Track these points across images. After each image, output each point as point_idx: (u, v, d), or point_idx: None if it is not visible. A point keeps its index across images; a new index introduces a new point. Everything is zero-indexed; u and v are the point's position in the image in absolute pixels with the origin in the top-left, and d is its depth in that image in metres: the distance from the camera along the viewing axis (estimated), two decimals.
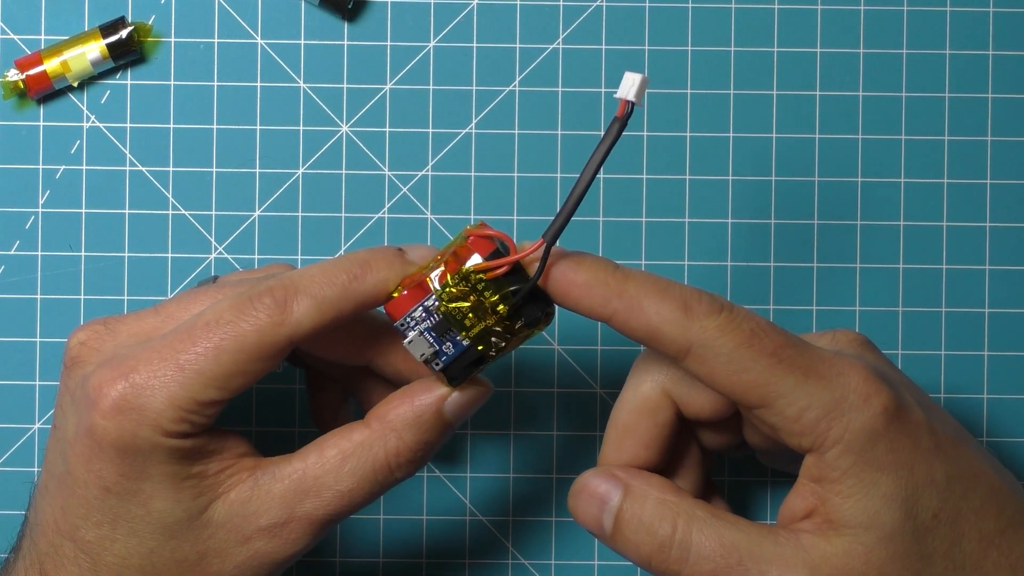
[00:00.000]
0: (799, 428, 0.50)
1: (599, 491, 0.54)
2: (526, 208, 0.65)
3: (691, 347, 0.51)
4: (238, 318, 0.51)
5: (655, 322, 0.51)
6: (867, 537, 0.50)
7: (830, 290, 0.65)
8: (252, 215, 0.65)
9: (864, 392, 0.50)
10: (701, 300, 0.51)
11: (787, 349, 0.51)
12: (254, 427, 0.65)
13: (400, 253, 0.53)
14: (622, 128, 0.50)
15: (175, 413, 0.51)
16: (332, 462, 0.53)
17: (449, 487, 0.65)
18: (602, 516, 0.53)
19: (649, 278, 0.51)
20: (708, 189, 0.65)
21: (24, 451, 0.64)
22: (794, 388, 0.50)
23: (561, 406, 0.65)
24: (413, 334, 0.52)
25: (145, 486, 0.52)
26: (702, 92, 0.65)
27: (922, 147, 0.65)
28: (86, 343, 0.54)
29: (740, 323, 0.51)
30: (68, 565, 0.52)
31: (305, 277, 0.52)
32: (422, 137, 0.65)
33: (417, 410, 0.53)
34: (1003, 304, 0.65)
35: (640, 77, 0.50)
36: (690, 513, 0.52)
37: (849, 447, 0.50)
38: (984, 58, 0.65)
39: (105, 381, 0.52)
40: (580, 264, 0.52)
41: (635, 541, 0.52)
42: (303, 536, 0.53)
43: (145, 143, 0.65)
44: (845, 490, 0.50)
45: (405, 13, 0.65)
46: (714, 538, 0.51)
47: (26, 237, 0.65)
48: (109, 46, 0.64)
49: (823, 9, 0.65)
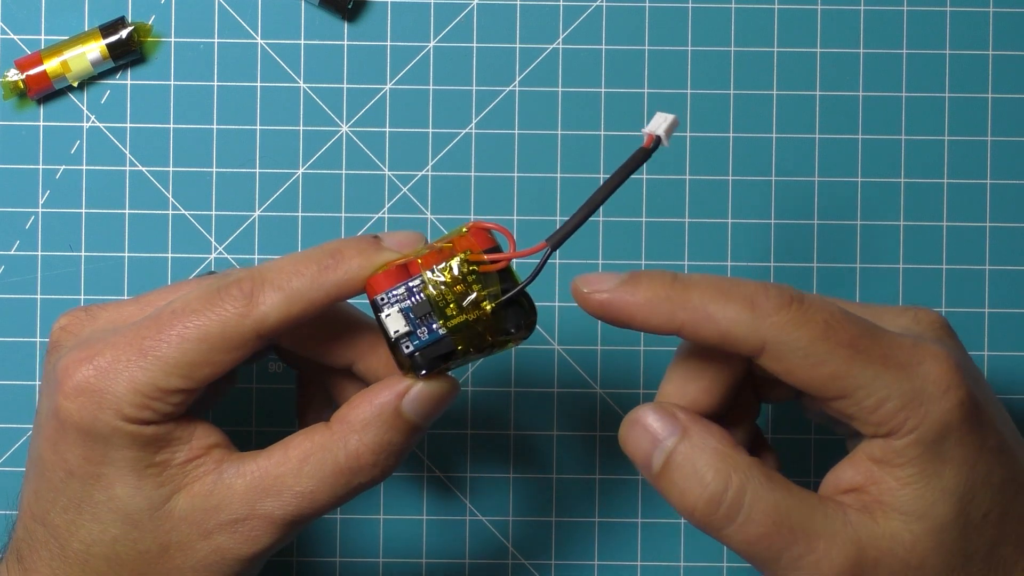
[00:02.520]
0: (876, 418, 0.50)
1: (655, 426, 0.52)
2: (526, 208, 0.65)
3: (765, 345, 0.50)
4: (204, 308, 0.51)
5: (725, 327, 0.50)
6: (917, 526, 0.50)
7: (831, 290, 0.65)
8: (252, 215, 0.65)
9: (944, 384, 0.50)
10: (769, 295, 0.50)
11: (864, 339, 0.50)
12: (254, 427, 0.65)
13: (376, 240, 0.52)
14: (645, 158, 0.50)
15: (135, 398, 0.51)
16: (293, 462, 0.52)
17: (449, 487, 0.65)
18: (653, 452, 0.52)
19: (711, 282, 0.50)
20: (708, 189, 0.65)
21: (24, 451, 0.64)
22: (873, 379, 0.49)
23: (561, 406, 0.65)
24: (391, 310, 0.51)
25: (107, 471, 0.51)
26: (702, 92, 0.65)
27: (922, 147, 0.65)
28: (66, 328, 0.54)
29: (813, 315, 0.50)
30: (40, 550, 0.53)
31: (274, 269, 0.52)
32: (422, 137, 0.65)
33: (376, 408, 0.52)
34: (1003, 304, 0.65)
35: (672, 118, 0.50)
36: (747, 471, 0.51)
37: (921, 438, 0.49)
38: (984, 58, 0.65)
39: (71, 363, 0.52)
40: (637, 284, 0.50)
41: (682, 487, 0.51)
42: (264, 535, 0.52)
43: (145, 143, 0.65)
44: (906, 477, 0.50)
45: (405, 13, 0.65)
46: (768, 502, 0.50)
47: (26, 237, 0.65)
48: (109, 46, 0.64)
49: (823, 9, 0.65)
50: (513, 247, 0.51)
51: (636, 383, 0.65)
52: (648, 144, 0.50)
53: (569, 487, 0.65)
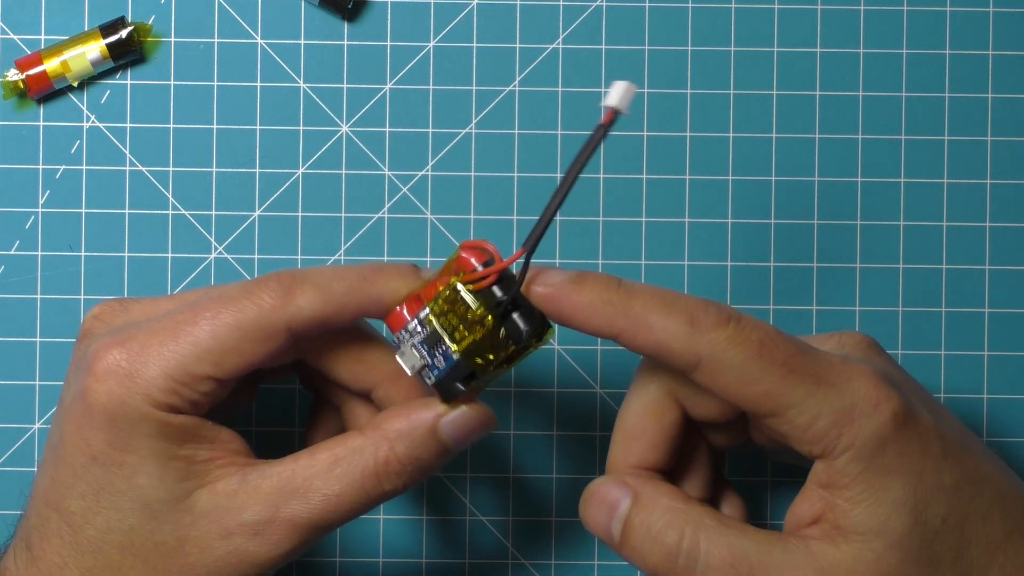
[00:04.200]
0: (810, 436, 0.50)
1: (609, 497, 0.53)
2: (526, 208, 0.65)
3: (700, 360, 0.50)
4: (241, 296, 0.52)
5: (662, 338, 0.50)
6: (876, 543, 0.50)
7: (830, 290, 0.65)
8: (252, 215, 0.65)
9: (874, 398, 0.50)
10: (708, 312, 0.51)
11: (797, 358, 0.50)
12: (254, 427, 0.65)
13: (415, 269, 0.53)
14: (604, 134, 0.49)
15: (165, 383, 0.51)
16: (322, 464, 0.53)
17: (449, 487, 0.65)
18: (611, 523, 0.53)
19: (654, 293, 0.51)
20: (708, 189, 0.65)
21: (24, 451, 0.64)
22: (805, 397, 0.50)
23: (561, 406, 0.65)
24: (404, 346, 0.52)
25: (130, 459, 0.51)
26: (702, 92, 0.65)
27: (922, 147, 0.65)
28: (99, 316, 0.55)
29: (749, 334, 0.50)
30: (52, 537, 0.52)
31: (316, 270, 0.53)
32: (422, 137, 0.65)
33: (412, 423, 0.53)
34: (1003, 304, 0.65)
35: (626, 84, 0.49)
36: (698, 521, 0.52)
37: (859, 454, 0.50)
38: (984, 58, 0.65)
39: (103, 347, 0.52)
40: (582, 284, 0.51)
41: (642, 550, 0.52)
42: (285, 539, 0.52)
43: (145, 143, 0.65)
44: (854, 496, 0.50)
45: (405, 13, 0.65)
46: (723, 547, 0.51)
47: (26, 237, 0.65)
48: (109, 46, 0.64)
49: (823, 9, 0.65)
50: (498, 258, 0.51)
51: None
52: (606, 120, 0.49)
53: (569, 487, 0.65)
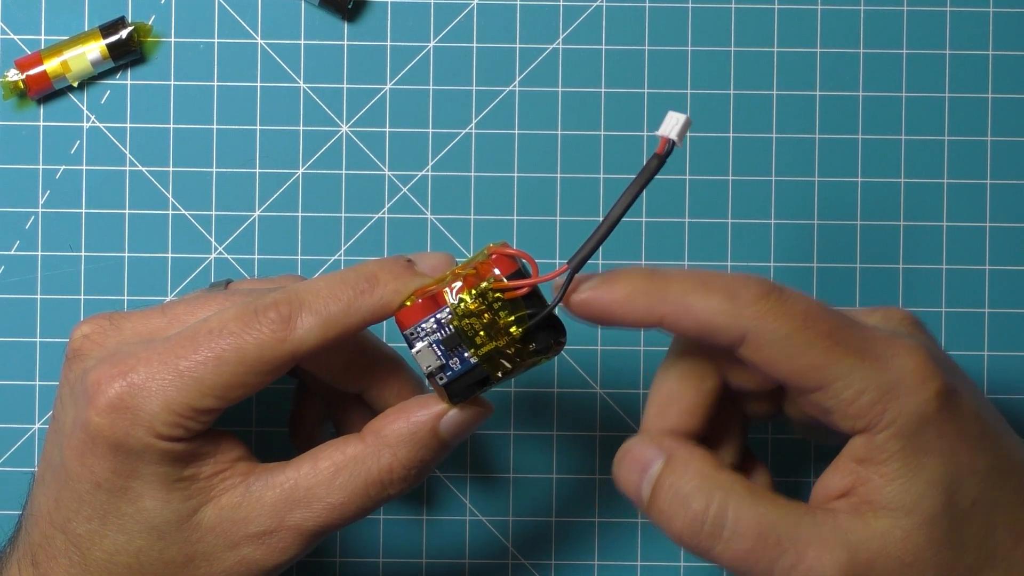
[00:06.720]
0: (854, 411, 0.50)
1: (642, 458, 0.52)
2: (526, 208, 0.65)
3: (745, 335, 0.50)
4: (242, 329, 0.51)
5: (705, 317, 0.50)
6: (907, 521, 0.50)
7: (830, 290, 0.65)
8: (252, 215, 0.65)
9: (920, 375, 0.50)
10: (748, 285, 0.50)
11: (842, 331, 0.50)
12: (253, 427, 0.65)
13: (409, 264, 0.53)
14: (660, 164, 0.49)
15: (170, 417, 0.51)
16: (324, 474, 0.52)
17: (449, 487, 0.65)
18: (641, 483, 0.52)
19: (689, 275, 0.51)
20: (708, 189, 0.65)
21: (24, 451, 0.64)
22: (851, 371, 0.50)
23: (561, 406, 0.65)
24: (422, 344, 0.52)
25: (135, 484, 0.52)
26: (702, 92, 0.65)
27: (922, 147, 0.65)
28: (89, 336, 0.54)
29: (792, 305, 0.50)
30: (59, 557, 0.52)
31: (311, 292, 0.52)
32: (422, 137, 0.65)
33: (413, 426, 0.52)
34: (1003, 304, 0.65)
35: (684, 118, 0.49)
36: (729, 488, 0.51)
37: (901, 430, 0.50)
38: (984, 58, 0.65)
39: (104, 378, 0.51)
40: (616, 281, 0.51)
41: (669, 513, 0.51)
42: (291, 546, 0.52)
43: (145, 143, 0.65)
44: (890, 472, 0.50)
45: (405, 13, 0.65)
46: (752, 516, 0.50)
47: (26, 237, 0.65)
48: (109, 46, 0.64)
49: (823, 9, 0.65)
50: (536, 272, 0.51)
51: (636, 383, 0.65)
52: (661, 150, 0.49)
53: (569, 487, 0.65)
